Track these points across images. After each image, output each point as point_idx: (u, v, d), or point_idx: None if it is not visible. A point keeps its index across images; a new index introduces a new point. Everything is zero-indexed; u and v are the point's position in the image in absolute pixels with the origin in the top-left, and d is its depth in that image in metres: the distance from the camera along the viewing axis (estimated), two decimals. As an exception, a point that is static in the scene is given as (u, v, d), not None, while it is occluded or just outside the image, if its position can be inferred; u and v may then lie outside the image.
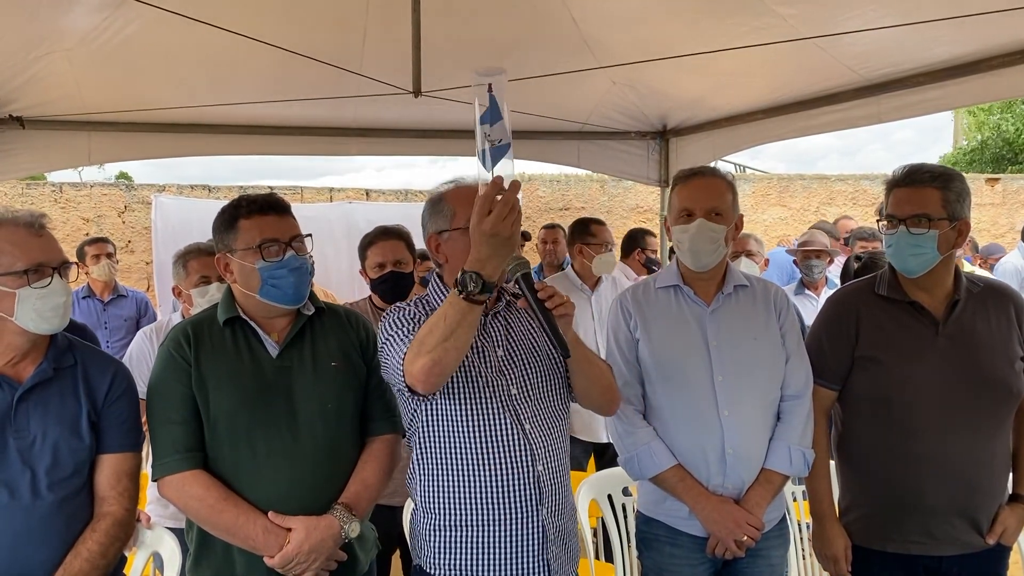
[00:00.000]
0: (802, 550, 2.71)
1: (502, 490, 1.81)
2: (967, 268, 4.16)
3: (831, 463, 2.32)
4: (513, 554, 1.82)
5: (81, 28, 3.50)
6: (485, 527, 1.82)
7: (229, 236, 2.01)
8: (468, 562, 1.83)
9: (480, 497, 1.82)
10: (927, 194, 2.08)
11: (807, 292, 4.41)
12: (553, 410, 1.92)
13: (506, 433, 1.82)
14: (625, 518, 2.66)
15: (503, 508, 1.82)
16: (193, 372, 1.96)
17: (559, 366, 1.95)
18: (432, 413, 1.84)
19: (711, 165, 2.60)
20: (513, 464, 1.82)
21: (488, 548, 1.82)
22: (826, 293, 4.20)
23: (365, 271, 3.19)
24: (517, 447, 1.82)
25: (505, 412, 1.83)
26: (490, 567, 1.82)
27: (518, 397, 1.86)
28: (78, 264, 5.00)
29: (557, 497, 1.88)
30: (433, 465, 1.86)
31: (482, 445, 1.81)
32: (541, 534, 1.84)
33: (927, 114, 3.85)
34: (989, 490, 2.14)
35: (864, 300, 2.23)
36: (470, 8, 3.56)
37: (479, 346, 1.85)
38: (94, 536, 1.88)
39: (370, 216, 5.95)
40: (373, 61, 3.83)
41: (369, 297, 3.25)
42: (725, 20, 3.55)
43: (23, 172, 5.22)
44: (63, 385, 1.90)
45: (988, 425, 2.12)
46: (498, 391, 1.84)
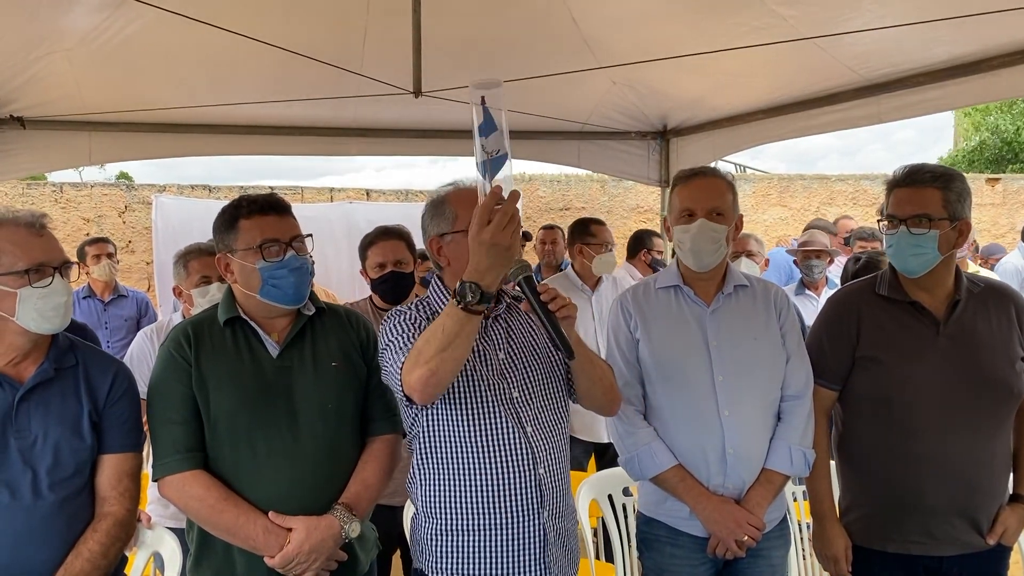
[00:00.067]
0: (802, 550, 2.71)
1: (504, 494, 1.81)
2: (971, 268, 4.16)
3: (831, 463, 2.32)
4: (514, 557, 1.82)
5: (81, 28, 3.50)
6: (487, 531, 1.82)
7: (230, 236, 2.01)
8: (470, 566, 1.83)
9: (482, 501, 1.81)
10: (928, 194, 2.08)
11: (807, 292, 4.40)
12: (554, 412, 1.92)
13: (508, 436, 1.82)
14: (626, 518, 2.66)
15: (505, 512, 1.81)
16: (193, 372, 1.96)
17: (559, 367, 1.95)
18: (433, 417, 1.84)
19: (711, 165, 2.60)
20: (515, 467, 1.81)
21: (489, 552, 1.82)
22: (826, 293, 4.20)
23: (365, 271, 3.19)
24: (519, 450, 1.82)
25: (507, 415, 1.83)
26: (491, 570, 1.82)
27: (519, 399, 1.85)
28: (79, 264, 5.00)
29: (558, 499, 1.88)
30: (434, 469, 1.86)
31: (484, 449, 1.81)
32: (542, 537, 1.84)
33: (927, 114, 3.86)
34: (989, 490, 2.14)
35: (865, 300, 2.23)
36: (470, 8, 3.57)
37: (480, 349, 1.85)
38: (95, 536, 1.88)
39: (370, 216, 5.95)
40: (373, 61, 3.83)
41: (370, 297, 3.25)
42: (725, 20, 3.55)
43: (23, 172, 5.22)
44: (64, 385, 1.90)
45: (988, 425, 2.12)
46: (500, 394, 1.84)
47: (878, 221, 2.25)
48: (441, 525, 1.85)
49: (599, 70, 4.13)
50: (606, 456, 3.88)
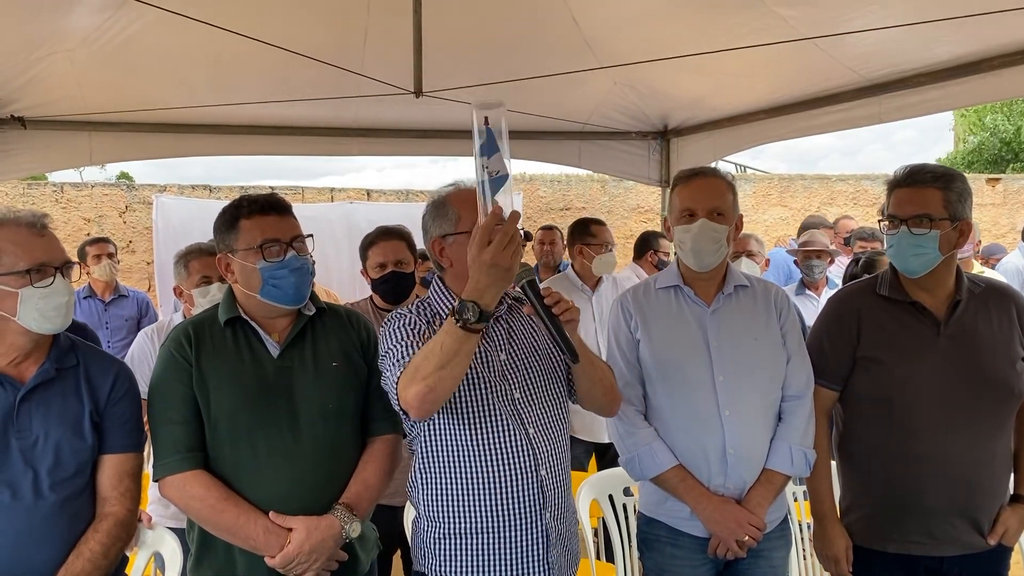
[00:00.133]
0: (803, 550, 2.71)
1: (506, 496, 1.81)
2: (977, 268, 4.15)
3: (832, 463, 2.32)
4: (518, 559, 1.82)
5: (82, 28, 3.51)
6: (489, 534, 1.82)
7: (230, 236, 2.01)
8: (473, 569, 1.83)
9: (484, 504, 1.81)
10: (928, 194, 2.08)
11: (808, 292, 4.40)
12: (555, 413, 1.92)
13: (510, 438, 1.82)
14: (626, 518, 2.66)
15: (507, 514, 1.81)
16: (194, 372, 1.96)
17: (560, 368, 1.95)
18: (435, 419, 1.84)
19: (712, 165, 2.60)
20: (517, 470, 1.81)
21: (492, 554, 1.82)
22: (827, 293, 4.20)
23: (366, 271, 3.19)
24: (521, 452, 1.82)
25: (509, 417, 1.83)
26: (495, 573, 1.82)
27: (521, 401, 1.85)
28: (79, 264, 5.00)
29: (559, 500, 1.89)
30: (436, 472, 1.86)
31: (486, 451, 1.81)
32: (544, 538, 1.84)
33: (928, 114, 3.86)
34: (990, 490, 2.14)
35: (865, 300, 2.23)
36: (471, 8, 3.57)
37: (481, 350, 1.85)
38: (96, 536, 1.88)
39: (371, 216, 5.96)
40: (374, 61, 3.84)
41: (370, 297, 3.25)
42: (726, 20, 3.55)
43: (24, 172, 5.23)
44: (65, 385, 1.91)
45: (989, 425, 2.12)
46: (502, 395, 1.84)
47: (879, 221, 2.24)
48: (444, 528, 1.85)
49: (600, 70, 4.13)
50: (607, 456, 3.88)
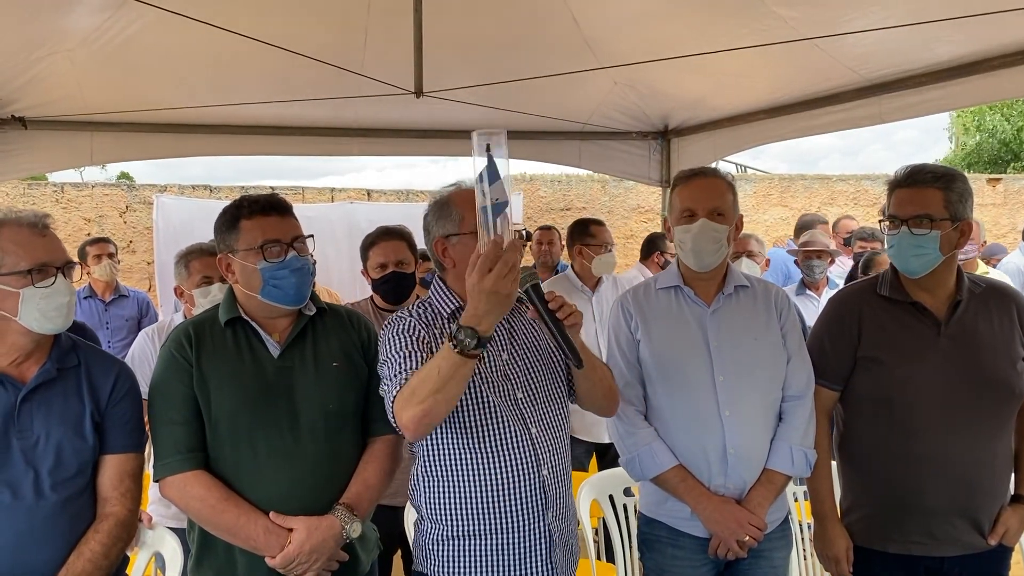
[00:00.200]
0: (804, 550, 2.71)
1: (510, 497, 1.81)
2: (981, 269, 4.15)
3: (833, 463, 2.32)
4: (521, 561, 1.83)
5: (83, 29, 3.51)
6: (494, 535, 1.82)
7: (231, 236, 2.01)
8: (476, 570, 1.83)
9: (488, 505, 1.81)
10: (929, 195, 2.08)
11: (808, 292, 4.40)
12: (556, 412, 1.92)
13: (513, 438, 1.82)
14: (627, 519, 2.66)
15: (511, 515, 1.82)
16: (194, 372, 1.96)
17: (560, 367, 1.95)
18: None
19: (712, 165, 2.60)
20: (520, 470, 1.82)
21: (497, 556, 1.82)
22: (827, 294, 4.20)
23: (367, 271, 3.19)
24: (524, 452, 1.82)
25: (512, 416, 1.83)
26: (498, 574, 1.82)
27: (524, 400, 1.86)
28: (80, 264, 5.00)
29: (561, 500, 1.89)
30: (438, 473, 1.86)
31: (490, 451, 1.81)
32: (548, 539, 1.84)
33: (929, 114, 3.86)
34: (990, 491, 2.14)
35: (866, 300, 2.23)
36: (472, 8, 3.57)
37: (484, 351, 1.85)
38: (97, 536, 1.88)
39: (371, 216, 5.96)
40: (375, 61, 3.84)
41: (371, 297, 3.25)
42: (726, 20, 3.56)
43: (25, 172, 5.23)
44: (67, 385, 1.91)
45: (990, 425, 2.12)
46: (504, 395, 1.84)
47: (880, 221, 2.24)
48: (447, 530, 1.85)
49: (600, 70, 4.13)
50: (607, 456, 3.88)
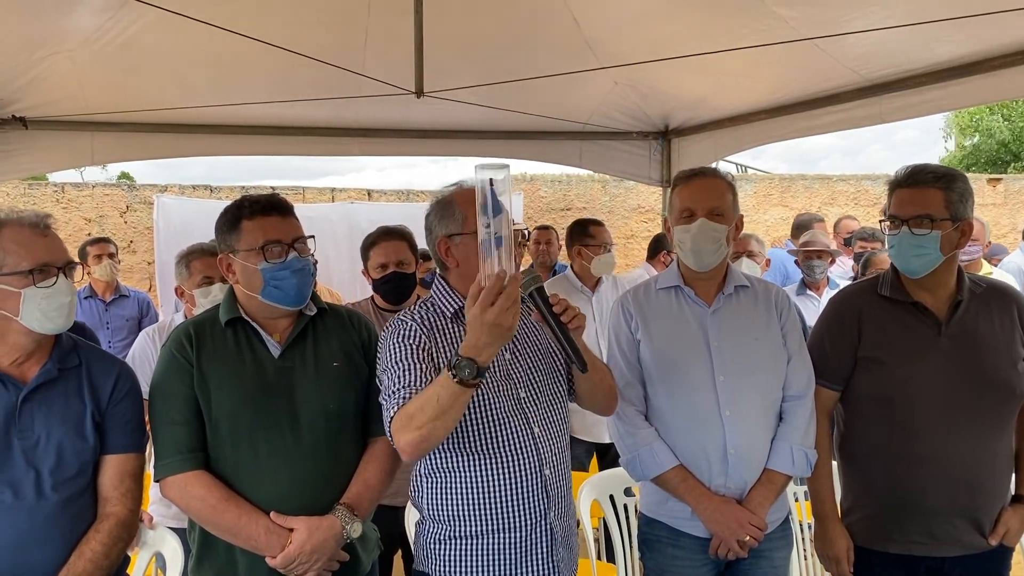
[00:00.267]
0: (804, 551, 2.71)
1: (513, 497, 1.81)
2: (985, 269, 4.14)
3: (833, 463, 2.32)
4: (524, 560, 1.83)
5: (84, 29, 3.51)
6: (496, 535, 1.82)
7: (232, 237, 2.01)
8: (479, 570, 1.83)
9: (491, 505, 1.81)
10: (930, 195, 2.08)
11: (809, 292, 4.40)
12: (557, 411, 1.92)
13: (516, 438, 1.82)
14: (627, 519, 2.66)
15: (514, 515, 1.82)
16: (195, 372, 1.96)
17: (560, 367, 1.95)
18: None
19: (712, 165, 2.60)
20: (523, 470, 1.82)
21: (500, 555, 1.82)
22: (828, 294, 4.20)
23: (367, 271, 3.19)
24: (527, 452, 1.82)
25: (515, 416, 1.83)
26: (501, 574, 1.82)
27: (526, 400, 1.86)
28: (80, 264, 5.00)
29: (562, 500, 1.89)
30: (440, 474, 1.86)
31: (492, 450, 1.81)
32: (550, 537, 1.85)
33: (929, 114, 3.86)
34: (991, 491, 2.14)
35: (867, 300, 2.23)
36: (472, 8, 3.57)
37: None
38: (97, 536, 1.89)
39: (372, 216, 5.96)
40: (375, 61, 3.84)
41: (371, 297, 3.25)
42: (726, 20, 3.55)
43: (25, 172, 5.23)
44: (68, 385, 1.91)
45: (990, 425, 2.12)
46: (507, 395, 1.84)
47: (880, 221, 2.24)
48: (449, 530, 1.85)
49: (600, 70, 4.13)
50: (607, 456, 3.88)
